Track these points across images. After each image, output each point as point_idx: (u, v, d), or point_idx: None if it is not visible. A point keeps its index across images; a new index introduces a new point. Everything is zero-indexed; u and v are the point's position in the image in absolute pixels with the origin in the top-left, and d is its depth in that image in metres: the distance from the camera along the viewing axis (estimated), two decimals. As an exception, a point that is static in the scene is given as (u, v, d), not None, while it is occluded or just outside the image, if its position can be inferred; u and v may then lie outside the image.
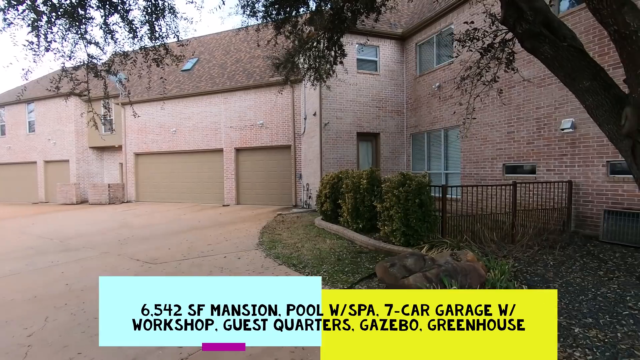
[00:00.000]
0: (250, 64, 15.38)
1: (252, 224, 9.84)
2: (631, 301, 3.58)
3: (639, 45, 3.25)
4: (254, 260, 6.00)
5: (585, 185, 6.93)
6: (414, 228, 5.83)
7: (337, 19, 7.05)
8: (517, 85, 8.09)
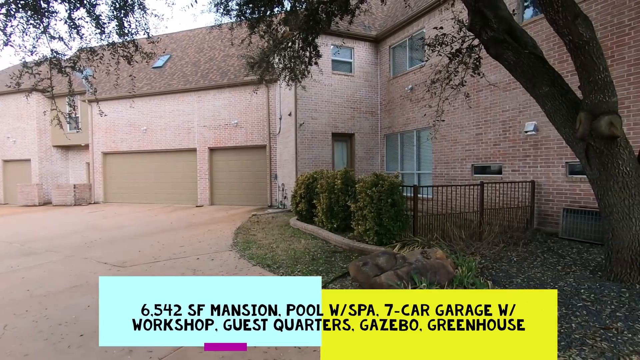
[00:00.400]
0: (224, 63, 15.16)
1: (226, 224, 9.71)
2: (585, 294, 3.83)
3: (591, 55, 3.48)
4: (228, 261, 5.94)
5: (547, 185, 7.32)
6: (387, 227, 5.95)
7: (312, 20, 7.09)
8: (484, 89, 8.43)
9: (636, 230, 3.81)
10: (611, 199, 3.92)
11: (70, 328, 3.53)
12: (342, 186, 7.14)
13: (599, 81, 3.57)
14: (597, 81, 3.57)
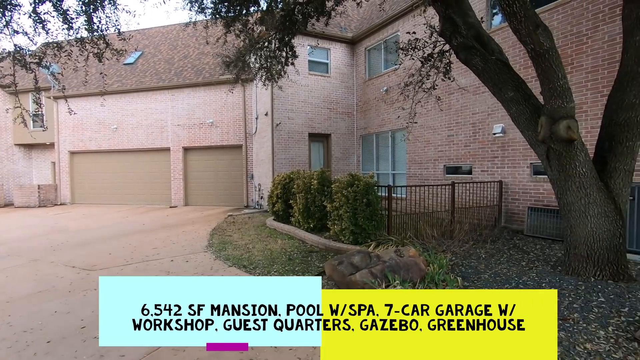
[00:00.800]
0: (199, 61, 14.89)
1: (201, 225, 9.57)
2: (546, 287, 4.07)
3: (551, 63, 3.70)
4: (203, 262, 5.88)
5: (513, 185, 7.68)
6: (362, 227, 6.07)
7: (289, 21, 7.11)
8: (455, 92, 8.72)
9: (591, 228, 4.09)
10: (569, 198, 4.18)
11: (36, 335, 3.41)
12: (319, 186, 7.20)
13: (558, 88, 3.80)
14: (557, 88, 3.81)
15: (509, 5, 3.67)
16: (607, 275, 4.06)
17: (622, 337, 2.91)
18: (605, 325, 3.10)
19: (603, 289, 3.87)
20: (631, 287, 3.91)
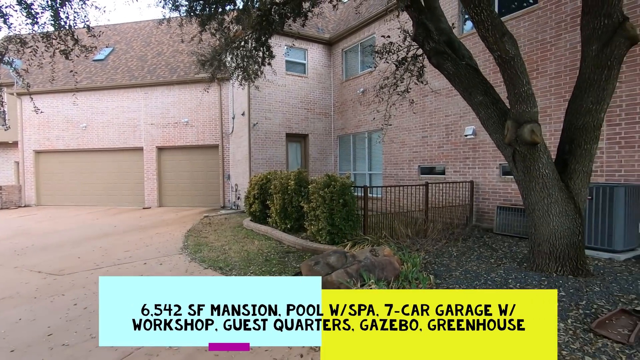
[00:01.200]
0: (173, 58, 14.56)
1: (176, 227, 9.38)
2: (512, 283, 4.27)
3: (516, 69, 3.88)
4: (178, 265, 5.78)
5: (484, 185, 7.97)
6: (339, 227, 6.14)
7: (265, 21, 7.09)
8: (429, 94, 8.96)
9: (553, 226, 4.32)
10: (533, 198, 4.40)
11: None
12: (296, 187, 7.22)
13: (522, 93, 4.00)
14: (521, 93, 4.00)
15: (477, 14, 3.82)
16: (567, 270, 4.30)
17: (580, 328, 3.10)
18: (565, 318, 3.29)
19: (564, 284, 4.10)
20: (589, 281, 4.16)
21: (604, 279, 4.24)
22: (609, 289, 3.95)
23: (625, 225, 5.10)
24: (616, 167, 5.89)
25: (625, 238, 5.13)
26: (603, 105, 4.10)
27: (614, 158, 5.90)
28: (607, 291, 3.91)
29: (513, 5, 7.57)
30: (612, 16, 3.84)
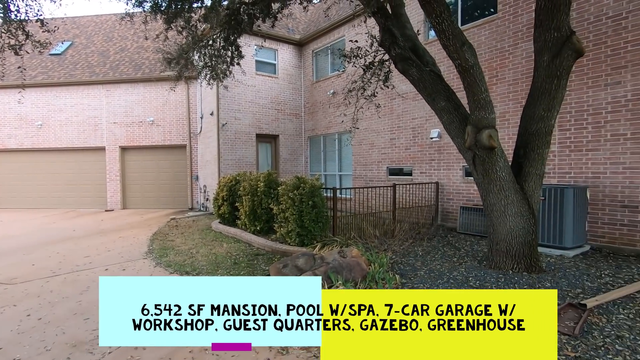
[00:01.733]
0: (138, 55, 14.03)
1: (140, 230, 9.06)
2: (472, 281, 4.48)
3: (475, 77, 4.07)
4: (142, 270, 5.59)
5: (448, 186, 8.28)
6: (308, 228, 6.17)
7: (234, 20, 6.99)
8: (397, 97, 9.18)
9: (510, 226, 4.57)
10: (492, 199, 4.64)
11: (-60, 361, 3.03)
12: (265, 189, 7.18)
13: (481, 100, 4.20)
14: (480, 100, 4.20)
15: (438, 24, 3.98)
16: (522, 267, 4.57)
17: (531, 322, 3.30)
18: (519, 313, 3.49)
19: (519, 280, 4.35)
20: (541, 277, 4.44)
21: (555, 275, 4.54)
22: (558, 284, 4.23)
23: (574, 224, 5.48)
24: (567, 169, 6.31)
25: (574, 236, 5.51)
26: (554, 112, 4.39)
27: (565, 161, 6.32)
28: (557, 286, 4.18)
29: (476, 13, 7.91)
30: (561, 30, 4.12)
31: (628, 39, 5.57)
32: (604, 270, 4.74)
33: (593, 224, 5.93)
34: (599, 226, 5.91)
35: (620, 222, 5.69)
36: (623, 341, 2.94)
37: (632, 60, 5.54)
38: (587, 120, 6.05)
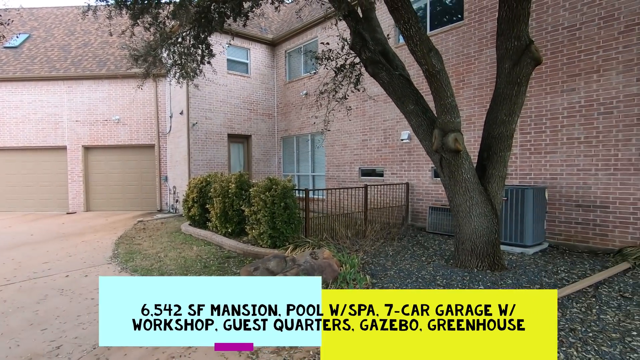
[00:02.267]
0: (102, 50, 13.44)
1: (105, 233, 8.69)
2: (439, 279, 4.62)
3: (441, 82, 4.20)
4: (106, 276, 5.36)
5: (418, 186, 8.49)
6: (280, 230, 6.14)
7: (204, 18, 6.84)
8: (369, 99, 9.32)
9: (474, 226, 4.75)
10: (458, 200, 4.80)
11: None
12: (237, 190, 7.08)
13: (447, 105, 4.34)
14: (446, 105, 4.35)
15: (406, 30, 4.07)
16: (486, 266, 4.76)
17: (493, 319, 3.45)
18: (482, 310, 3.64)
19: (483, 278, 4.54)
20: (503, 275, 4.65)
21: (516, 272, 4.77)
22: (519, 281, 4.45)
23: (534, 223, 5.77)
24: (527, 170, 6.64)
25: (534, 234, 5.80)
26: (514, 117, 4.60)
27: (526, 163, 6.65)
28: (517, 283, 4.40)
29: (444, 18, 8.16)
30: (521, 39, 4.33)
31: (581, 49, 5.94)
32: (560, 267, 5.03)
33: (551, 223, 6.28)
34: (556, 225, 6.26)
35: (574, 221, 6.05)
36: (575, 334, 3.14)
37: (585, 69, 5.90)
38: (545, 125, 6.39)
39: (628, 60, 5.48)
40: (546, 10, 6.33)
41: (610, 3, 5.64)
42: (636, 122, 5.42)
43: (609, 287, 4.19)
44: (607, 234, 5.71)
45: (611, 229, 5.68)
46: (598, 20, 5.76)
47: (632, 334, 3.10)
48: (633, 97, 5.44)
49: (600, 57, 5.75)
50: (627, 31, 5.48)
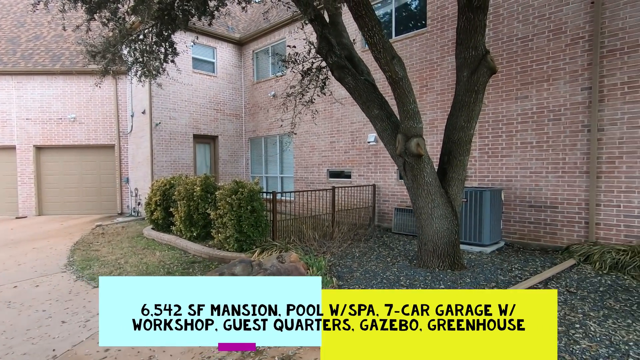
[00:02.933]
0: (56, 44, 12.66)
1: (60, 239, 8.20)
2: (403, 280, 4.76)
3: (404, 89, 4.32)
4: (59, 285, 5.07)
5: (384, 188, 8.69)
6: (247, 234, 6.07)
7: (167, 16, 6.63)
8: (336, 102, 9.41)
9: (436, 227, 4.93)
10: (420, 202, 4.97)
11: None
12: (202, 193, 6.92)
13: (410, 111, 4.48)
14: (409, 110, 4.49)
15: (370, 37, 4.16)
16: (447, 265, 4.96)
17: (452, 317, 3.60)
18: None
19: (443, 277, 4.73)
20: (462, 274, 4.87)
21: (474, 271, 5.00)
22: (477, 279, 4.67)
23: (491, 223, 6.08)
24: (485, 173, 6.98)
25: (491, 234, 6.11)
26: (472, 123, 4.83)
27: (484, 165, 6.99)
28: (475, 281, 4.62)
29: (410, 24, 8.39)
30: (478, 49, 4.55)
31: (533, 59, 6.33)
32: (515, 265, 5.33)
33: (507, 222, 6.64)
34: (511, 224, 6.63)
35: (528, 220, 6.44)
36: (526, 329, 3.33)
37: (536, 78, 6.30)
38: (502, 130, 6.75)
39: (574, 71, 5.90)
40: (502, 21, 6.69)
41: (558, 17, 6.05)
42: (581, 129, 5.85)
43: (556, 283, 4.50)
44: (557, 232, 6.13)
45: (560, 227, 6.10)
46: (548, 33, 6.16)
47: (575, 326, 3.35)
48: (578, 105, 5.87)
49: (550, 67, 6.15)
50: (573, 44, 5.90)
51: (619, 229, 5.51)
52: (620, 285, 4.38)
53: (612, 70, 5.54)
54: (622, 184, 5.48)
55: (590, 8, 5.70)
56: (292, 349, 3.03)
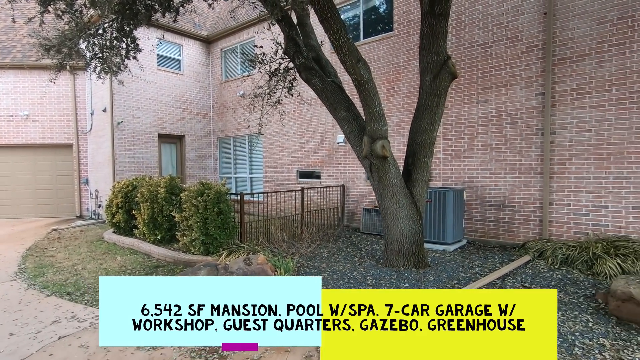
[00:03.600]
0: (6, 37, 11.82)
1: (10, 245, 7.67)
2: (369, 279, 4.84)
3: (369, 92, 4.39)
4: (9, 294, 4.75)
5: (353, 189, 8.79)
6: (214, 236, 5.95)
7: (129, 10, 6.36)
8: (305, 103, 9.42)
9: (401, 228, 5.05)
10: (386, 203, 5.07)
11: None
12: (167, 195, 6.70)
13: (375, 113, 4.56)
14: (374, 113, 4.57)
15: (336, 40, 4.20)
16: (411, 264, 5.09)
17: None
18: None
19: (408, 276, 4.85)
20: (426, 272, 5.02)
21: (437, 269, 5.17)
22: (439, 277, 4.83)
23: (453, 222, 6.30)
24: (449, 173, 7.23)
25: (454, 232, 6.34)
26: (435, 125, 4.98)
27: (448, 166, 7.23)
28: (438, 279, 4.77)
29: (378, 27, 8.53)
30: (440, 54, 4.70)
31: (493, 65, 6.63)
32: (475, 262, 5.56)
33: (469, 221, 6.91)
34: (473, 223, 6.90)
35: (488, 219, 6.74)
36: (483, 324, 3.49)
37: (495, 83, 6.60)
38: (464, 132, 7.02)
39: (529, 77, 6.24)
40: (464, 27, 6.96)
41: (515, 25, 6.37)
42: (535, 132, 6.20)
43: (512, 279, 4.74)
44: (514, 230, 6.45)
45: (517, 225, 6.42)
46: (506, 40, 6.47)
47: (528, 320, 3.54)
48: (532, 109, 6.21)
49: (507, 73, 6.47)
50: (528, 51, 6.24)
51: (569, 226, 5.89)
52: (569, 279, 4.67)
53: (562, 77, 5.91)
54: (571, 184, 5.85)
55: (544, 18, 6.05)
56: (257, 354, 3.01)
